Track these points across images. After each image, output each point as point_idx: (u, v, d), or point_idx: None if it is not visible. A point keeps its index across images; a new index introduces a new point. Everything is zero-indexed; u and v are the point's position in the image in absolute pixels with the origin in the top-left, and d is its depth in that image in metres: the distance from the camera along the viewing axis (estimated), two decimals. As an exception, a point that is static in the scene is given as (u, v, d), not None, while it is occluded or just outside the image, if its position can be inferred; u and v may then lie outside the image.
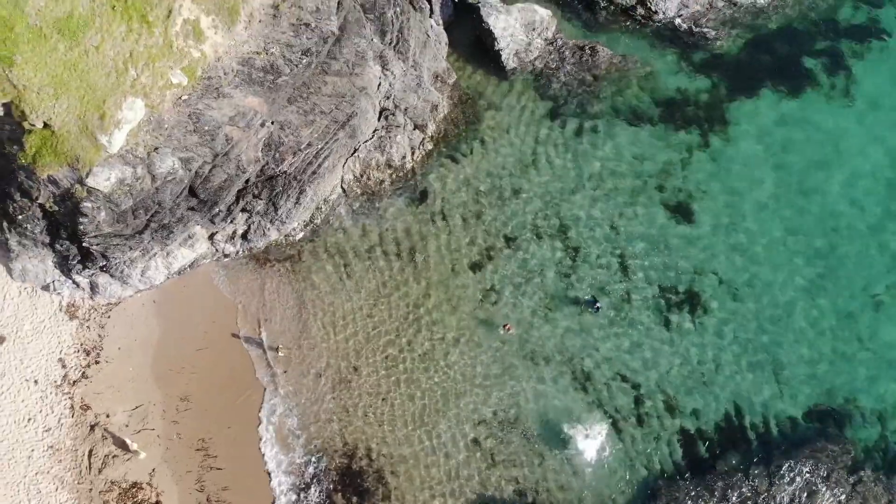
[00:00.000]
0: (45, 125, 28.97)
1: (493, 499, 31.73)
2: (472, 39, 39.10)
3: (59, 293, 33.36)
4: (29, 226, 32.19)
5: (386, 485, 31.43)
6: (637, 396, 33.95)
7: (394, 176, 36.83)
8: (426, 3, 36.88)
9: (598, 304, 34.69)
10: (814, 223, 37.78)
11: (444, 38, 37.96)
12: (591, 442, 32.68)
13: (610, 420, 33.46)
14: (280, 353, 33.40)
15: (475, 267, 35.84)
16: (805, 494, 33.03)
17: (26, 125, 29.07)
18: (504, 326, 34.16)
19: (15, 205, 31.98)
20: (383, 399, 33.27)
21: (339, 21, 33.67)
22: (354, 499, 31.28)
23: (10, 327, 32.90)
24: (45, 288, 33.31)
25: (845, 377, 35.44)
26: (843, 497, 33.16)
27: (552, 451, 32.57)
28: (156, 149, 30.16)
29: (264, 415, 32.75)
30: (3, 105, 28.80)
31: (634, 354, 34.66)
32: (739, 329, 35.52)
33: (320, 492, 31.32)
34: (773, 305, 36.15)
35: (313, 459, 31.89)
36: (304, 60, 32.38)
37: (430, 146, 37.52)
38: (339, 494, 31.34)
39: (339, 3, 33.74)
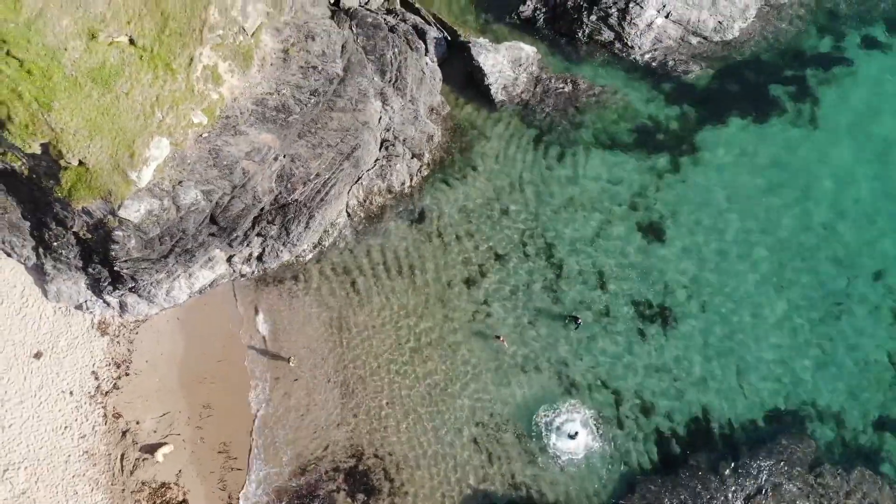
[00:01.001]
0: (81, 163, 31.23)
1: (490, 493, 34.21)
2: (464, 75, 40.92)
3: (91, 312, 35.57)
4: (63, 251, 34.49)
5: (392, 481, 33.86)
6: (616, 400, 36.38)
7: (394, 200, 39.10)
8: (422, 43, 39.18)
9: (579, 321, 37.08)
10: (778, 241, 39.79)
11: (439, 74, 40.15)
12: (576, 442, 35.09)
13: (592, 422, 35.95)
14: (291, 363, 35.71)
15: (469, 282, 38.18)
16: (769, 487, 35.53)
17: (63, 163, 31.33)
18: (497, 338, 36.56)
19: (51, 233, 34.31)
20: (388, 403, 35.66)
21: (343, 63, 36.02)
22: (361, 496, 33.72)
23: (47, 343, 35.15)
24: (79, 307, 35.53)
25: (805, 380, 37.84)
26: (804, 489, 35.66)
27: (541, 450, 35.00)
28: (180, 182, 32.50)
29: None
30: (42, 145, 31.10)
31: (613, 362, 36.98)
32: (707, 338, 37.80)
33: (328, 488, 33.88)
34: (739, 315, 38.43)
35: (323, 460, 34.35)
36: (313, 100, 34.72)
37: (426, 172, 39.76)
38: (347, 492, 33.77)
39: (343, 46, 36.10)
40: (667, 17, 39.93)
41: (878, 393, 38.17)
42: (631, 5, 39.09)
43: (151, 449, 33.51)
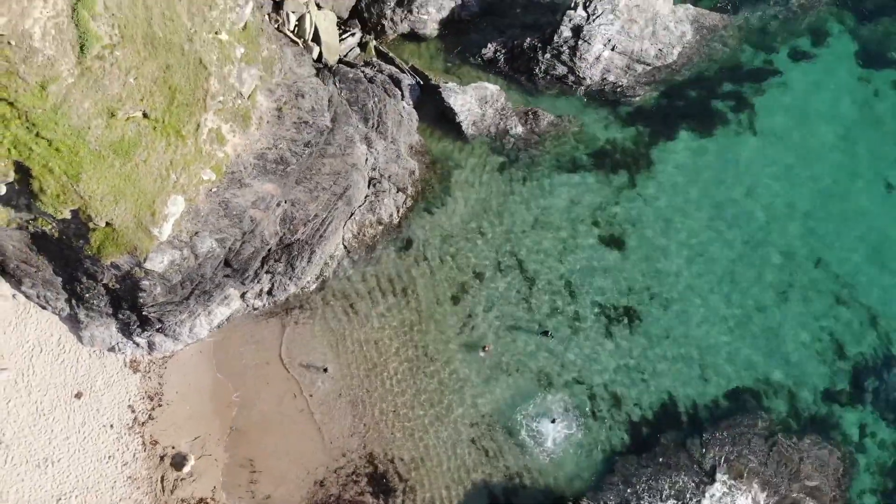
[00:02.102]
0: (108, 224, 34.54)
1: (490, 480, 37.84)
2: (437, 114, 44.13)
3: (122, 353, 38.79)
4: (95, 301, 37.78)
5: (406, 481, 37.51)
6: (592, 394, 40.14)
7: (384, 231, 42.57)
8: (398, 90, 42.84)
9: (549, 333, 40.47)
10: (727, 240, 43.36)
11: (415, 115, 43.77)
12: (559, 433, 38.89)
13: (572, 414, 39.73)
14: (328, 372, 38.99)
15: (454, 298, 41.80)
16: (732, 458, 39.45)
17: (91, 225, 34.61)
18: (483, 347, 40.28)
19: (82, 285, 37.57)
20: (393, 412, 39.24)
21: (330, 115, 39.63)
22: (382, 496, 37.23)
23: (86, 384, 38.40)
24: (111, 349, 38.74)
25: (758, 362, 41.61)
26: (762, 458, 39.62)
27: (529, 443, 38.73)
28: (196, 233, 35.98)
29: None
30: (72, 211, 34.41)
31: (586, 360, 40.55)
32: (668, 332, 41.47)
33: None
34: (695, 309, 42.24)
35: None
36: (307, 150, 38.31)
37: (410, 203, 43.29)
38: (371, 493, 37.26)
39: (329, 100, 39.73)
40: (612, 49, 43.74)
41: (823, 368, 42.16)
42: (580, 42, 42.86)
43: (178, 465, 36.86)
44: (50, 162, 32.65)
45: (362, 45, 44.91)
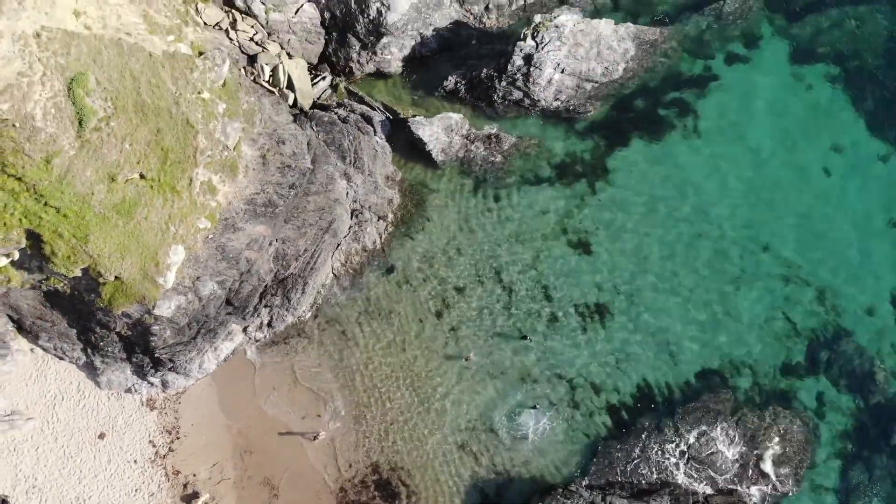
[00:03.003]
0: (117, 277, 37.20)
1: (482, 479, 40.76)
2: (408, 145, 46.52)
3: (139, 393, 41.25)
4: (109, 348, 40.22)
5: (407, 486, 40.32)
6: (571, 386, 43.05)
7: (368, 257, 45.27)
8: (370, 126, 45.69)
9: (527, 337, 43.24)
10: (683, 234, 46.17)
11: (388, 148, 46.51)
12: (544, 426, 41.85)
13: (555, 407, 42.75)
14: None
15: (438, 314, 44.56)
16: (702, 432, 42.58)
17: (101, 280, 37.21)
18: (465, 357, 43.17)
19: (95, 335, 40.02)
20: (392, 423, 42.02)
21: (310, 157, 42.42)
22: (387, 501, 40.07)
23: (108, 425, 40.80)
24: (128, 391, 41.17)
25: (721, 344, 44.61)
26: (730, 431, 42.87)
27: (517, 439, 41.55)
28: (198, 278, 38.64)
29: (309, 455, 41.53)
30: (82, 269, 36.92)
31: (564, 356, 43.39)
32: (637, 323, 44.35)
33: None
34: (660, 301, 45.19)
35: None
36: (292, 192, 41.09)
37: (391, 230, 45.97)
38: (381, 497, 40.05)
39: (308, 143, 42.54)
40: (562, 72, 46.85)
41: (779, 343, 45.40)
42: (532, 69, 45.93)
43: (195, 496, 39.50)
44: (59, 227, 35.15)
45: (333, 87, 47.72)
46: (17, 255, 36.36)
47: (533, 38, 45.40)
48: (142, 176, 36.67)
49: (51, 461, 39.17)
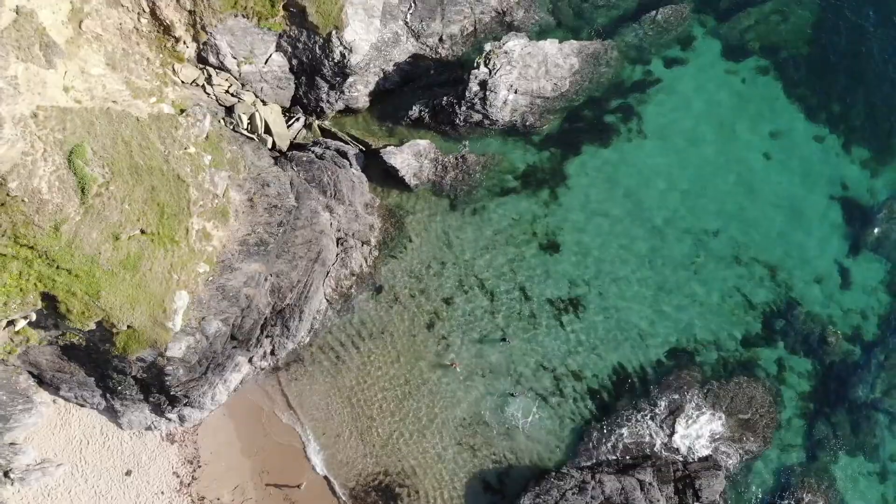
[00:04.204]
0: (129, 326, 39.84)
1: (481, 471, 43.75)
2: (383, 173, 49.05)
3: (158, 429, 43.74)
4: (127, 391, 42.68)
5: (408, 487, 43.21)
6: (554, 376, 46.17)
7: (357, 281, 48.26)
8: (346, 160, 48.53)
9: (506, 339, 46.25)
10: (641, 230, 49.22)
11: (364, 178, 49.29)
12: (533, 415, 44.86)
13: (541, 397, 45.88)
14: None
15: (429, 326, 47.62)
16: (675, 406, 46.01)
17: (114, 330, 39.80)
18: (451, 364, 46.05)
19: (113, 380, 42.44)
20: (395, 431, 44.93)
21: (294, 195, 45.22)
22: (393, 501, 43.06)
23: (133, 462, 43.30)
24: (148, 428, 43.64)
25: (686, 325, 47.97)
26: (699, 402, 46.31)
27: (508, 430, 44.54)
28: (203, 318, 41.31)
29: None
30: (96, 323, 39.44)
31: (545, 349, 46.39)
32: (608, 313, 47.51)
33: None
34: (627, 290, 48.30)
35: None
36: (280, 229, 43.87)
37: (376, 253, 48.76)
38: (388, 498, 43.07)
39: (290, 183, 45.32)
40: (515, 92, 50.09)
41: (738, 319, 48.80)
42: (487, 93, 49.06)
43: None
44: (72, 287, 37.63)
45: (308, 127, 50.57)
46: (34, 317, 38.78)
47: (486, 65, 48.60)
48: (142, 231, 39.24)
49: (84, 501, 41.55)
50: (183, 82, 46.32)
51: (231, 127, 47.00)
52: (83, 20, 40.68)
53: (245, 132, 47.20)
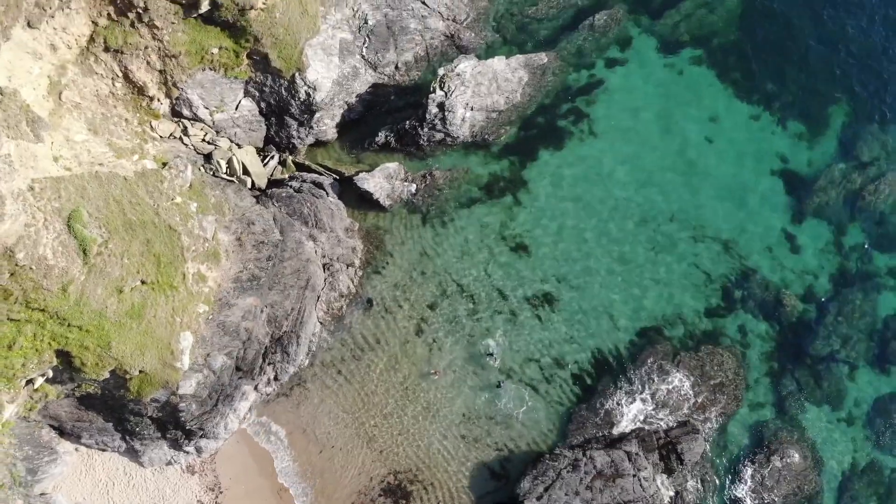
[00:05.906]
0: (140, 371, 42.30)
1: (486, 461, 46.80)
2: (358, 198, 51.59)
3: (178, 463, 46.08)
4: (144, 431, 45.04)
5: (421, 482, 46.18)
6: (540, 366, 49.39)
7: (347, 300, 51.18)
8: (322, 191, 51.28)
9: (491, 352, 49.00)
10: (600, 222, 52.55)
11: (342, 205, 51.97)
12: (525, 403, 48.20)
13: (531, 386, 49.02)
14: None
15: (418, 332, 50.64)
16: (652, 380, 49.50)
17: (128, 376, 42.25)
18: (433, 372, 48.84)
19: (131, 423, 44.75)
20: (398, 434, 47.59)
21: (278, 229, 47.90)
22: (404, 499, 46.00)
23: (158, 497, 45.57)
24: (168, 463, 45.94)
25: (651, 304, 51.46)
26: (674, 373, 49.86)
27: (503, 419, 47.69)
28: (208, 355, 43.89)
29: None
30: (110, 372, 41.85)
31: (528, 343, 49.58)
32: (580, 303, 50.85)
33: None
34: (594, 280, 51.63)
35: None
36: (269, 263, 46.56)
37: (361, 273, 51.54)
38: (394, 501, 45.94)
39: (274, 218, 48.01)
40: (472, 110, 53.24)
41: (699, 292, 52.45)
42: (446, 113, 52.17)
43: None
44: (84, 341, 39.91)
45: (282, 163, 53.28)
46: (50, 373, 41.06)
47: (441, 87, 51.73)
48: (143, 282, 41.70)
49: (117, 539, 43.86)
50: (161, 137, 48.81)
51: (211, 173, 49.55)
52: (62, 91, 43.08)
53: (225, 176, 49.78)
